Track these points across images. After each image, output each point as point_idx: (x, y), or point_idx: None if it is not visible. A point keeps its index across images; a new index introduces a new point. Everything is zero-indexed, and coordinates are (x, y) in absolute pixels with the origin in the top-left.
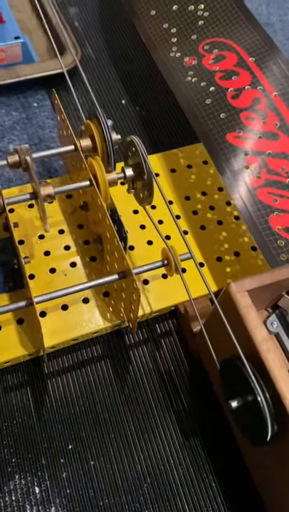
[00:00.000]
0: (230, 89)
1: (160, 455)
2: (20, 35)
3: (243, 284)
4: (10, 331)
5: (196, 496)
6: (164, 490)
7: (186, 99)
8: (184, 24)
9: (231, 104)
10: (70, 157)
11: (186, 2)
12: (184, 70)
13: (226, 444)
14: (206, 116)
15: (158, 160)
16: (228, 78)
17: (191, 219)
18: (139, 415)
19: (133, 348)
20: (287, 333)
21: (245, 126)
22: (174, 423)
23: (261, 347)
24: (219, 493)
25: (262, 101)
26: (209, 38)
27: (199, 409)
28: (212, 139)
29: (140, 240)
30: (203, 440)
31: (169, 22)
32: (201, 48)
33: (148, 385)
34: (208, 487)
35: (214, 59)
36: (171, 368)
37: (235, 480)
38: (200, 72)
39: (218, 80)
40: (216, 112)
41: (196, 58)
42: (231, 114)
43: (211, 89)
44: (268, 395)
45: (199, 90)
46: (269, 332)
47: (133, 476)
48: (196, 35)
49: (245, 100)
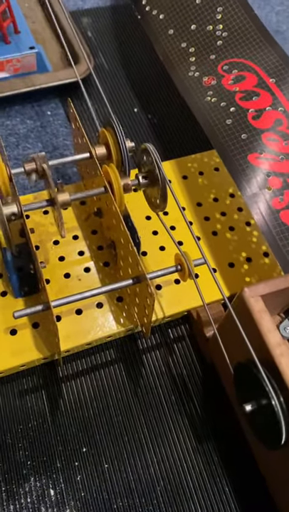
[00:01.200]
0: (250, 110)
1: (173, 459)
2: (34, 45)
3: (257, 289)
4: (25, 334)
5: (210, 501)
6: (178, 493)
7: (206, 119)
8: (203, 44)
9: (252, 125)
10: (84, 164)
11: (205, 22)
12: (203, 89)
13: (240, 448)
14: (226, 137)
15: (170, 167)
16: (249, 99)
17: (203, 225)
18: (153, 419)
19: (146, 353)
20: None
21: (267, 148)
22: (186, 427)
23: (275, 351)
24: (232, 497)
25: (283, 122)
26: (228, 58)
27: (212, 413)
28: (233, 159)
29: (153, 246)
30: (217, 444)
31: (188, 41)
32: (220, 68)
33: (161, 389)
34: (221, 492)
35: (234, 79)
36: (183, 372)
37: (248, 485)
38: (219, 92)
39: (239, 101)
40: (236, 132)
41: (215, 78)
42: (252, 135)
43: (232, 110)
44: (282, 398)
45: (219, 110)
46: (282, 337)
47: (146, 479)
48: (214, 55)
49: (266, 121)
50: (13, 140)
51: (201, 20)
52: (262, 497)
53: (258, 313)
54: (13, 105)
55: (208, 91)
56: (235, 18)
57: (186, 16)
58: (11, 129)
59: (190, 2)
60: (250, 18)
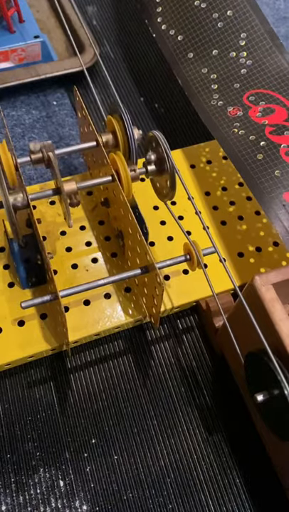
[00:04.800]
0: (283, 146)
1: (183, 450)
2: (39, 34)
3: (268, 278)
4: (33, 325)
5: (220, 492)
6: (188, 485)
7: (234, 153)
8: (225, 71)
9: (286, 162)
10: (91, 154)
11: (227, 48)
12: (229, 120)
13: (250, 439)
14: (258, 173)
15: (177, 156)
16: (280, 133)
17: (212, 214)
18: (162, 410)
19: (155, 344)
20: None
21: None
22: (196, 418)
23: (287, 340)
24: (243, 489)
25: None
26: (254, 88)
27: (222, 404)
28: (268, 197)
29: (160, 236)
30: (227, 436)
31: (209, 67)
32: (246, 98)
33: (170, 380)
34: (232, 483)
35: (262, 111)
36: (193, 363)
37: (259, 476)
38: (247, 124)
39: (269, 135)
40: (269, 168)
41: (241, 109)
42: (287, 172)
43: (262, 144)
44: None
45: (249, 144)
46: None
47: (156, 470)
48: (239, 84)
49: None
50: (18, 131)
51: (224, 45)
52: (273, 488)
53: (269, 302)
54: (19, 95)
55: (234, 122)
56: (261, 46)
57: (206, 39)
58: (16, 119)
59: (211, 25)
60: (276, 47)
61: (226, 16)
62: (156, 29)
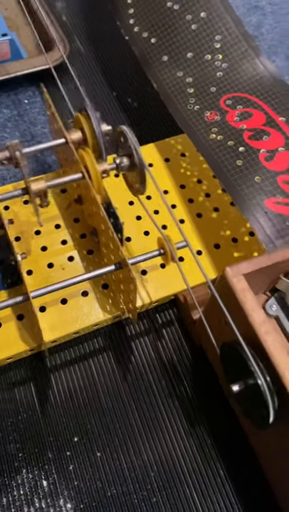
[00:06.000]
0: (262, 151)
1: (166, 443)
2: (7, 32)
3: (239, 269)
4: (10, 327)
5: (204, 484)
6: (172, 478)
7: (213, 159)
8: (201, 74)
9: (266, 167)
10: (62, 151)
11: (202, 50)
12: (207, 125)
13: (232, 430)
14: (238, 179)
15: (152, 150)
16: (259, 138)
17: (188, 207)
18: (144, 404)
19: (134, 339)
20: (286, 315)
21: (285, 192)
22: (178, 411)
23: (259, 330)
24: (227, 480)
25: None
26: (231, 92)
27: (203, 396)
28: (249, 204)
29: (137, 231)
30: (209, 427)
31: (184, 70)
32: (223, 102)
33: (151, 374)
34: (215, 474)
35: (239, 116)
36: (173, 356)
37: (242, 467)
38: (225, 129)
39: (248, 140)
40: (249, 175)
41: (218, 113)
42: (267, 178)
43: (241, 150)
44: (268, 377)
45: (228, 150)
46: (268, 315)
47: (140, 465)
48: (215, 88)
49: (280, 163)
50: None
51: (198, 48)
52: (256, 478)
53: (241, 292)
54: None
55: (212, 127)
56: (236, 48)
57: (181, 42)
58: None
59: (185, 28)
60: (252, 50)
61: (199, 18)
62: (129, 31)
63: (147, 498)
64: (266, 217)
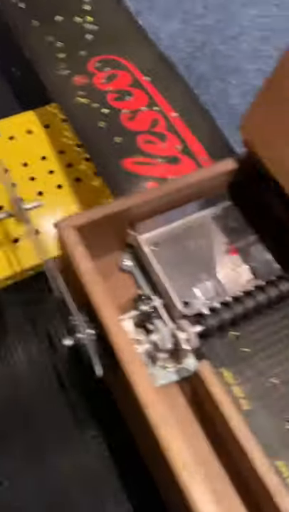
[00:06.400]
0: (124, 111)
1: None
2: None
3: (71, 221)
4: None
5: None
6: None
7: (78, 122)
8: (72, 38)
9: (127, 128)
10: None
11: (72, 13)
12: (75, 89)
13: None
14: (100, 141)
15: (31, 117)
16: (122, 99)
17: (66, 172)
18: None
19: (8, 309)
20: (140, 269)
21: (144, 151)
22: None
23: (85, 280)
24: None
25: (160, 122)
26: (100, 54)
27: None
28: (109, 165)
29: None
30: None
31: (54, 35)
32: (92, 65)
33: (24, 345)
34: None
35: (106, 78)
36: (50, 324)
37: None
38: (91, 92)
39: (112, 101)
40: (110, 135)
41: (86, 77)
42: (127, 138)
43: (104, 111)
44: (93, 331)
45: (92, 112)
46: (123, 271)
47: None
48: (85, 51)
49: (141, 122)
50: None
51: (68, 10)
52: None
53: (71, 243)
54: None
55: (79, 91)
56: (106, 9)
57: (50, 5)
58: None
59: None
60: (121, 10)
61: None
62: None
63: None
64: (123, 177)
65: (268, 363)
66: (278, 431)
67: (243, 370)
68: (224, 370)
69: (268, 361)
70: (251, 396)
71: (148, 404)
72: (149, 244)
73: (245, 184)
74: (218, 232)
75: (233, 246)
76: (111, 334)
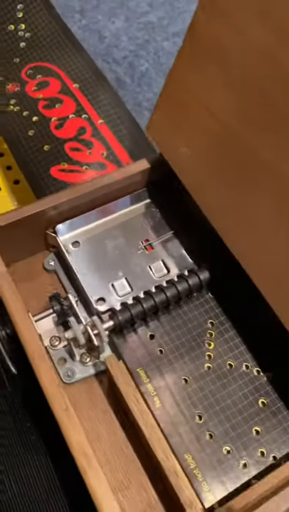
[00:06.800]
0: (53, 119)
1: None
2: None
3: None
4: None
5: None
6: None
7: (7, 130)
8: (4, 45)
9: (55, 135)
10: None
11: (5, 20)
12: (6, 97)
13: None
14: (28, 150)
15: None
16: (52, 107)
17: (5, 175)
18: None
19: None
20: (62, 268)
21: (70, 158)
22: None
23: None
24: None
25: (87, 130)
26: (33, 61)
27: None
28: (36, 173)
29: None
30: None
31: None
32: (24, 73)
33: None
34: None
35: (38, 85)
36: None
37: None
38: (23, 100)
39: (42, 109)
40: (39, 143)
41: (19, 85)
42: (55, 146)
43: (34, 119)
44: (3, 331)
45: (22, 120)
46: (47, 271)
47: None
48: (18, 59)
49: (69, 130)
50: None
51: (1, 18)
52: None
53: None
54: None
55: (11, 99)
56: (38, 17)
57: None
58: None
59: None
60: (52, 17)
61: None
62: None
63: None
64: (50, 185)
65: (180, 360)
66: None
67: (155, 368)
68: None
69: (180, 359)
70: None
71: (50, 396)
72: (68, 244)
73: (162, 182)
74: (136, 230)
75: (149, 243)
76: (21, 334)
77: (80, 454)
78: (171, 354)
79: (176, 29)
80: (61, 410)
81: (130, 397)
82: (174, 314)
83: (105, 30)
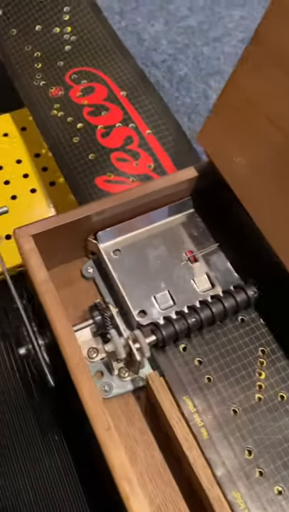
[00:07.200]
0: (99, 127)
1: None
2: None
3: (28, 229)
4: None
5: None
6: None
7: (51, 136)
8: (49, 48)
9: (101, 144)
10: None
11: (51, 23)
12: (50, 101)
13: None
14: (73, 157)
15: (7, 120)
16: (98, 114)
17: (41, 176)
18: None
19: None
20: (101, 276)
21: (117, 169)
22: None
23: (40, 288)
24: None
25: (134, 140)
26: (77, 66)
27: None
28: (80, 183)
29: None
30: None
31: (32, 44)
32: (68, 77)
33: None
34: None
35: (83, 91)
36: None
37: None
38: (67, 105)
39: (87, 116)
40: (84, 152)
41: (62, 89)
42: (101, 155)
43: (79, 126)
44: (41, 341)
45: (66, 127)
46: (85, 278)
47: None
48: (62, 62)
49: (116, 139)
50: None
51: (47, 20)
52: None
53: (27, 252)
54: None
55: (54, 103)
56: (84, 20)
57: (29, 14)
58: None
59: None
60: (100, 21)
61: None
62: None
63: None
64: (94, 196)
65: (229, 390)
66: (237, 460)
67: (202, 397)
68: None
69: (229, 389)
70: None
71: (92, 414)
72: (109, 252)
73: (208, 192)
74: (179, 240)
75: (193, 254)
76: (62, 344)
77: (123, 478)
78: (220, 383)
79: (217, 34)
80: (103, 430)
81: (173, 418)
82: (223, 338)
83: (144, 33)
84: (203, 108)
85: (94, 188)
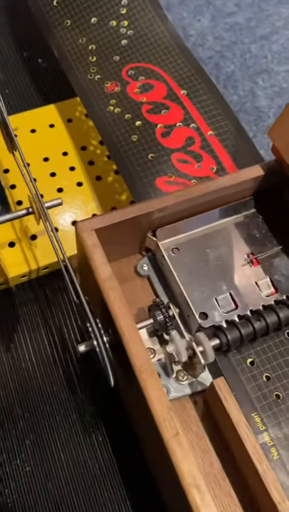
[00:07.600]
0: (159, 126)
1: (45, 410)
2: None
3: (91, 223)
4: None
5: (80, 450)
6: (45, 446)
7: (107, 133)
8: (105, 42)
9: (161, 144)
10: None
11: (107, 16)
12: (105, 96)
13: (113, 399)
14: (131, 156)
15: (53, 111)
16: (158, 112)
17: (87, 169)
18: (24, 372)
19: (22, 307)
20: (156, 274)
21: (178, 170)
22: (61, 377)
23: (104, 285)
24: (106, 446)
25: (196, 141)
26: (134, 61)
27: (87, 362)
28: (138, 183)
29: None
30: (91, 395)
31: (87, 37)
32: (125, 72)
33: (36, 342)
34: (93, 441)
35: (140, 87)
36: (61, 322)
37: (120, 435)
38: (124, 101)
39: (146, 114)
40: (143, 151)
41: (118, 84)
42: (161, 156)
43: (138, 124)
44: (107, 337)
45: (124, 124)
46: (140, 276)
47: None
48: (118, 57)
49: (177, 139)
50: None
51: (104, 13)
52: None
53: (90, 247)
54: None
55: (110, 99)
56: (142, 15)
57: (85, 5)
58: None
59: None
60: (159, 17)
61: None
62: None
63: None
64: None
65: None
66: None
67: (271, 415)
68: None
69: None
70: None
71: (160, 419)
72: (168, 250)
73: (271, 192)
74: (240, 241)
75: (255, 256)
76: (128, 344)
77: (193, 486)
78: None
79: (264, 32)
80: (171, 436)
81: (242, 427)
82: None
83: (190, 28)
84: (250, 106)
85: (154, 188)
